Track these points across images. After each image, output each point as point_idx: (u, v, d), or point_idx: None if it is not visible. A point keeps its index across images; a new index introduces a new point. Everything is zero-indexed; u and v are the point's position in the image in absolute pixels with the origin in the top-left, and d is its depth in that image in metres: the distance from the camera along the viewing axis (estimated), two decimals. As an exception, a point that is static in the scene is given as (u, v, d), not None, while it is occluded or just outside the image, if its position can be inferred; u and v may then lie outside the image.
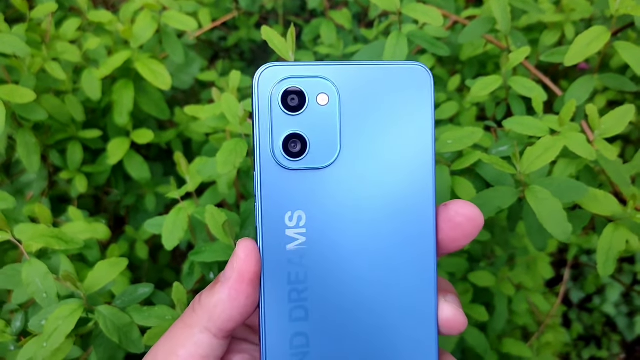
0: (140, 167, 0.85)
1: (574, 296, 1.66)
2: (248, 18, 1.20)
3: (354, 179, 0.39)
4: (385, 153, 0.39)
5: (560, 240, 0.48)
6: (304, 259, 0.39)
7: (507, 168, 0.51)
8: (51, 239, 0.58)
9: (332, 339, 0.39)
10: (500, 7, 0.65)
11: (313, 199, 0.39)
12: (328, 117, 0.39)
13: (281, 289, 0.39)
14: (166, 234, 0.58)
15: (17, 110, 0.70)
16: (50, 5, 0.76)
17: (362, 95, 0.39)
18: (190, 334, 0.38)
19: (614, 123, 0.56)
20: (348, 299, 0.39)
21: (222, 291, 0.38)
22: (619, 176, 0.57)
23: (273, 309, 0.39)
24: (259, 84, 0.38)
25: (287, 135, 0.38)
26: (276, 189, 0.38)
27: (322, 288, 0.39)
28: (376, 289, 0.40)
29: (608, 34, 0.59)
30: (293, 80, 0.39)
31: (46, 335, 0.49)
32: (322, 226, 0.39)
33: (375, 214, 0.39)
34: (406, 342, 0.40)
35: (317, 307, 0.39)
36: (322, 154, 0.39)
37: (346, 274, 0.39)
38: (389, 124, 0.39)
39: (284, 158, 0.38)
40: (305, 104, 0.39)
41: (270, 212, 0.38)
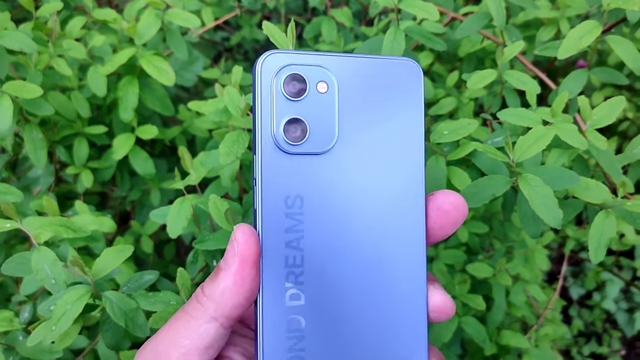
0: (145, 163, 0.87)
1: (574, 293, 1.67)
2: (250, 17, 1.21)
3: (349, 166, 0.41)
4: (379, 142, 0.41)
5: (552, 226, 0.50)
6: (301, 242, 0.40)
7: (500, 156, 0.53)
8: (59, 227, 0.59)
9: (327, 322, 0.41)
10: (495, 3, 0.66)
11: (312, 184, 0.40)
12: (327, 105, 0.41)
13: (278, 271, 0.40)
14: (170, 223, 0.59)
15: (25, 106, 0.72)
16: (55, 4, 0.78)
17: (358, 85, 0.41)
18: (196, 325, 0.38)
19: (605, 114, 0.58)
20: (343, 283, 0.41)
21: (227, 278, 0.38)
22: (611, 165, 0.59)
23: (270, 291, 0.40)
24: (261, 69, 0.40)
25: (289, 120, 0.40)
26: (276, 173, 0.40)
27: (318, 272, 0.40)
28: (369, 273, 0.41)
29: (599, 28, 0.60)
30: (295, 67, 0.40)
31: (55, 318, 0.50)
32: (320, 210, 0.40)
33: (369, 201, 0.41)
34: (397, 325, 0.42)
35: (313, 291, 0.40)
36: (320, 139, 0.40)
37: (341, 258, 0.41)
38: (382, 114, 0.41)
39: (285, 142, 0.40)
40: (306, 91, 0.40)
41: (269, 195, 0.39)
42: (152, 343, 0.40)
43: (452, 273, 0.88)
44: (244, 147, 0.56)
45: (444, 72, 0.97)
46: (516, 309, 0.97)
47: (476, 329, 0.82)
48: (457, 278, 0.85)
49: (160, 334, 0.40)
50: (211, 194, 0.55)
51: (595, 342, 1.63)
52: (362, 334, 0.41)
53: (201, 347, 0.38)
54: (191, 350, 0.38)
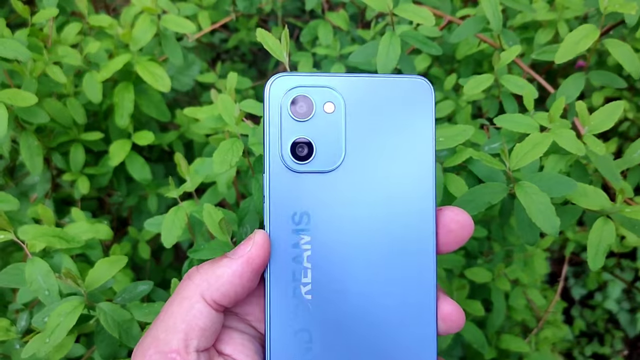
0: (142, 169, 0.86)
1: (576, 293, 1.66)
2: (247, 20, 1.21)
3: (357, 183, 0.41)
4: (388, 160, 0.42)
5: (549, 234, 0.49)
6: (308, 258, 0.41)
7: (497, 164, 0.52)
8: (53, 238, 0.59)
9: (335, 338, 0.41)
10: (491, 7, 0.66)
11: (318, 201, 0.41)
12: (334, 124, 0.41)
13: (285, 285, 0.40)
14: (165, 232, 0.59)
15: (20, 114, 0.71)
16: (51, 10, 0.77)
17: (366, 105, 0.42)
18: (189, 306, 0.39)
19: (603, 119, 0.57)
20: (350, 298, 0.41)
21: (230, 265, 0.39)
22: (609, 171, 0.58)
23: (278, 305, 0.40)
24: (270, 93, 0.41)
25: (295, 140, 0.41)
26: (283, 190, 0.41)
27: (325, 286, 0.41)
28: (377, 289, 0.41)
29: (597, 31, 0.60)
30: (301, 89, 0.41)
31: (49, 331, 0.50)
32: (326, 227, 0.41)
33: (377, 217, 0.41)
34: (407, 339, 0.42)
35: (320, 305, 0.41)
36: (327, 158, 0.41)
37: (349, 274, 0.41)
38: (392, 132, 0.42)
39: (292, 161, 0.41)
40: (313, 111, 0.41)
41: (277, 211, 0.41)
42: (152, 332, 0.40)
43: (451, 278, 0.88)
44: (239, 155, 0.55)
45: (441, 74, 0.96)
46: (516, 313, 0.97)
47: (474, 335, 0.81)
48: (456, 283, 0.85)
49: (157, 321, 0.40)
50: (205, 204, 0.55)
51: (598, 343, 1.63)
52: (372, 349, 0.41)
53: (197, 328, 0.38)
54: (189, 334, 0.38)
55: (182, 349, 0.38)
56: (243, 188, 0.82)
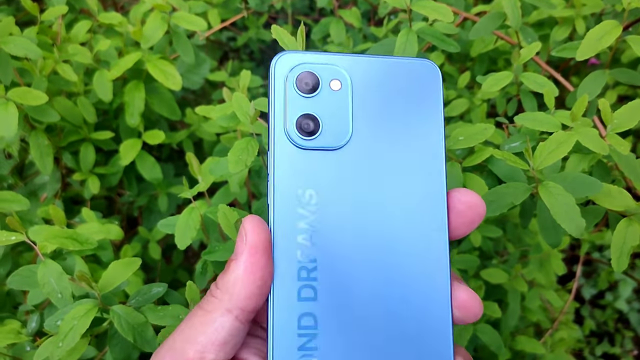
0: (152, 168, 0.86)
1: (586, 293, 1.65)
2: (257, 18, 1.20)
3: (365, 163, 0.40)
4: (397, 140, 0.41)
5: (574, 235, 0.48)
6: (313, 237, 0.39)
7: (520, 164, 0.51)
8: (65, 239, 0.58)
9: (341, 321, 0.39)
10: (510, 3, 0.64)
11: (325, 179, 0.40)
12: (341, 102, 0.41)
13: (290, 266, 0.39)
14: (179, 234, 0.58)
15: (30, 113, 0.71)
16: (60, 8, 0.77)
17: (373, 85, 0.41)
18: (211, 320, 0.38)
19: (626, 117, 0.56)
20: (358, 279, 0.39)
21: (238, 267, 0.38)
22: (633, 171, 0.57)
23: (281, 287, 0.39)
24: (275, 69, 0.41)
25: (301, 115, 0.40)
26: (289, 167, 0.40)
27: (330, 268, 0.39)
28: (386, 271, 0.40)
29: (619, 28, 0.59)
30: (307, 65, 0.41)
31: (62, 335, 0.49)
32: (333, 205, 0.40)
33: (385, 197, 0.40)
34: (419, 324, 0.40)
35: (326, 287, 0.39)
36: (334, 135, 0.40)
37: (355, 255, 0.39)
38: (400, 113, 0.41)
39: (298, 136, 0.40)
40: (319, 88, 0.41)
41: (282, 188, 0.39)
42: (169, 342, 0.39)
43: (466, 279, 0.87)
44: (254, 155, 0.54)
45: (454, 72, 0.95)
46: (531, 314, 0.96)
47: (491, 337, 0.80)
48: (471, 284, 0.84)
49: (176, 332, 0.39)
50: (220, 204, 0.54)
51: (608, 343, 1.62)
52: (380, 334, 0.39)
53: (217, 342, 0.37)
54: (207, 347, 0.37)
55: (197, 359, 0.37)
56: (254, 188, 0.81)
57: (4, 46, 0.66)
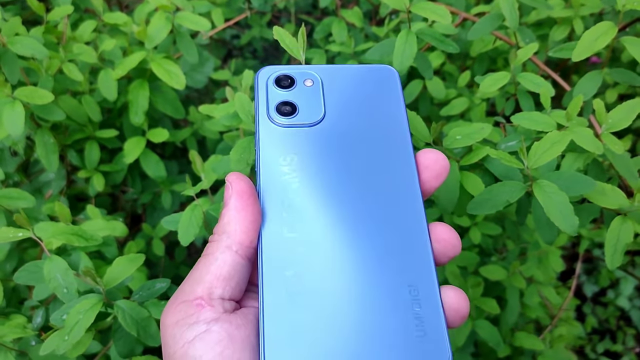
0: (156, 166, 0.87)
1: (588, 290, 1.66)
2: (260, 17, 1.21)
3: (339, 135, 0.46)
4: (365, 116, 0.47)
5: (568, 233, 0.49)
6: (296, 187, 0.43)
7: (515, 163, 0.52)
8: (71, 236, 0.59)
9: (323, 274, 0.40)
10: (508, 4, 0.65)
11: (304, 145, 0.45)
12: (313, 93, 0.48)
13: (277, 226, 0.42)
14: (182, 231, 0.59)
15: (36, 111, 0.72)
16: (66, 8, 0.78)
17: (341, 83, 0.49)
18: (213, 259, 0.40)
19: (621, 117, 0.57)
20: (339, 234, 0.42)
21: (229, 210, 0.41)
22: (627, 169, 0.58)
23: (269, 245, 0.41)
24: (258, 77, 0.50)
25: (280, 102, 0.47)
26: (272, 141, 0.45)
27: (312, 224, 0.42)
28: (367, 210, 0.43)
29: (615, 29, 0.59)
30: (284, 70, 0.50)
31: (67, 328, 0.50)
32: (312, 165, 0.44)
33: (361, 160, 0.45)
34: (401, 254, 0.42)
35: (308, 243, 0.41)
36: (309, 114, 0.47)
37: (336, 209, 0.43)
38: (366, 98, 0.48)
39: (278, 116, 0.46)
40: (295, 85, 0.49)
41: (267, 156, 0.44)
42: (180, 289, 0.41)
43: (465, 276, 0.88)
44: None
45: (455, 71, 0.96)
46: (530, 310, 0.97)
47: (490, 333, 0.81)
48: (470, 281, 0.85)
49: (185, 280, 0.41)
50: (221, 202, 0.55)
51: (610, 340, 1.62)
52: (364, 280, 0.40)
53: (221, 277, 0.39)
54: (213, 282, 0.39)
55: (207, 295, 0.39)
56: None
57: (11, 46, 0.68)
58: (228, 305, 0.40)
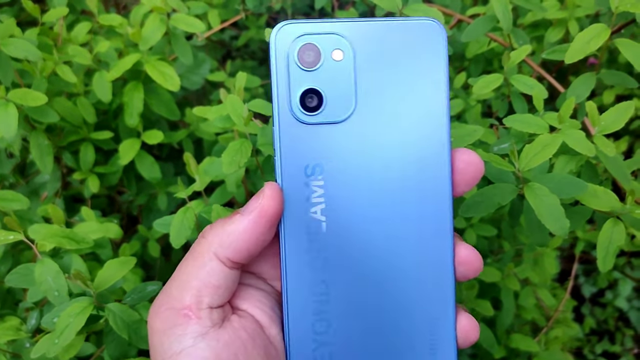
0: (151, 167, 0.87)
1: (586, 291, 1.66)
2: (257, 18, 1.21)
3: (370, 133, 0.41)
4: (400, 107, 0.41)
5: (558, 235, 0.49)
6: (322, 210, 0.40)
7: (506, 166, 0.52)
8: (62, 238, 0.59)
9: (350, 286, 0.41)
10: (501, 6, 0.65)
11: (330, 152, 0.40)
12: (343, 73, 0.40)
13: (300, 240, 0.41)
14: (174, 233, 0.59)
15: (30, 113, 0.72)
16: (61, 9, 0.78)
17: (376, 50, 0.41)
18: (202, 263, 0.39)
19: (614, 119, 0.57)
20: (366, 249, 0.41)
21: (241, 222, 0.39)
22: (620, 172, 0.58)
23: (293, 259, 0.41)
24: (275, 42, 0.40)
25: (304, 91, 0.40)
26: (295, 143, 0.40)
27: (339, 239, 0.41)
28: (394, 239, 0.41)
29: (608, 31, 0.59)
30: (308, 37, 0.40)
31: (58, 332, 0.50)
32: (340, 179, 0.40)
33: (392, 166, 0.41)
34: (423, 283, 0.41)
35: (336, 257, 0.41)
36: (338, 108, 0.40)
37: (364, 225, 0.41)
38: (403, 79, 0.41)
39: (302, 112, 0.40)
40: (321, 60, 0.40)
41: (289, 164, 0.40)
42: (166, 289, 0.40)
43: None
44: (247, 156, 0.55)
45: (451, 72, 0.96)
46: (526, 312, 0.97)
47: (485, 335, 0.81)
48: (465, 283, 0.84)
49: (172, 279, 0.40)
50: (214, 204, 0.55)
51: (608, 341, 1.62)
52: (389, 297, 0.41)
53: (210, 285, 0.39)
54: (201, 290, 0.39)
55: (194, 305, 0.39)
56: (252, 186, 0.82)
57: (4, 48, 0.67)
58: (216, 317, 0.39)
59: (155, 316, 0.40)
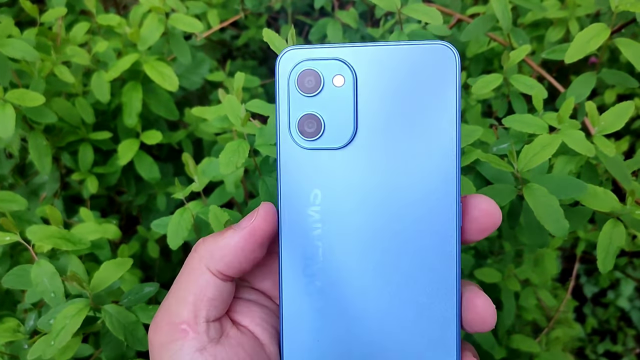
0: (150, 168, 0.86)
1: (588, 291, 1.65)
2: (257, 18, 1.20)
3: (370, 161, 0.39)
4: (405, 138, 0.39)
5: (557, 236, 0.49)
6: (319, 237, 0.40)
7: (505, 166, 0.52)
8: (59, 240, 0.59)
9: (344, 317, 0.40)
10: (501, 5, 0.65)
11: (329, 179, 0.40)
12: (344, 99, 0.40)
13: (296, 264, 0.41)
14: (171, 234, 0.59)
15: (28, 114, 0.72)
16: (60, 10, 0.78)
17: (380, 77, 0.39)
18: (195, 277, 0.40)
19: (614, 119, 0.56)
20: (361, 278, 0.40)
21: (232, 237, 0.40)
22: (620, 172, 0.57)
23: (289, 283, 0.41)
24: (279, 66, 0.40)
25: (303, 116, 0.40)
26: (293, 167, 0.40)
27: (335, 267, 0.40)
28: (390, 273, 0.40)
29: (608, 31, 0.59)
30: (310, 62, 0.40)
31: (54, 333, 0.50)
32: (337, 204, 0.40)
33: (392, 200, 0.39)
34: (424, 328, 0.40)
35: (330, 286, 0.40)
36: (337, 134, 0.40)
37: (360, 256, 0.40)
38: (409, 107, 0.39)
39: (300, 138, 0.40)
40: (321, 86, 0.40)
41: (288, 189, 0.40)
42: (165, 305, 0.41)
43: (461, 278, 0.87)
44: (245, 157, 0.55)
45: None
46: (527, 313, 0.96)
47: (484, 336, 0.81)
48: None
49: (169, 294, 0.41)
50: (212, 205, 0.54)
51: (610, 341, 1.62)
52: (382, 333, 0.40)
53: (205, 299, 0.39)
54: (197, 305, 0.39)
55: (192, 319, 0.39)
56: (251, 187, 0.82)
57: (2, 48, 0.67)
58: (213, 331, 0.40)
59: (155, 331, 0.40)
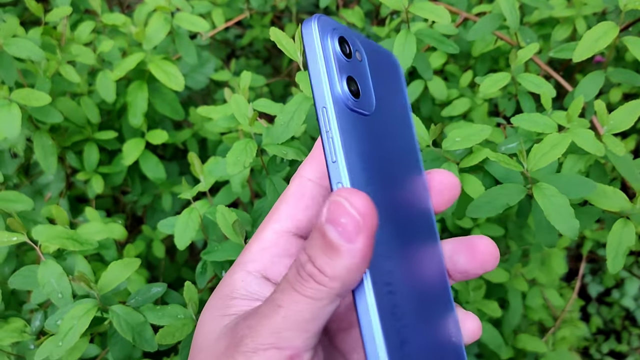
0: (156, 167, 0.86)
1: (593, 290, 1.65)
2: (261, 17, 1.20)
3: (384, 131, 0.40)
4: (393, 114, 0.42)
5: (568, 236, 0.49)
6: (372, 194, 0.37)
7: (514, 165, 0.52)
8: (66, 240, 0.59)
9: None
10: (508, 4, 0.65)
11: (367, 141, 0.39)
12: (364, 71, 0.40)
13: None
14: (178, 234, 0.58)
15: (33, 114, 0.71)
16: (65, 9, 0.77)
17: (377, 65, 0.42)
18: (319, 307, 0.34)
19: (623, 118, 0.56)
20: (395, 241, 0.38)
21: (353, 255, 0.31)
22: (629, 171, 0.57)
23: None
24: (317, 29, 0.38)
25: (348, 77, 0.38)
26: (347, 127, 0.37)
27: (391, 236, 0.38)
28: (409, 236, 0.39)
29: (616, 29, 0.59)
30: (341, 31, 0.39)
31: (62, 334, 0.50)
32: (375, 166, 0.39)
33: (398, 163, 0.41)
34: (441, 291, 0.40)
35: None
36: (367, 101, 0.39)
37: (385, 221, 0.38)
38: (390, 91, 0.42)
39: (348, 98, 0.38)
40: (352, 55, 0.39)
41: (349, 149, 0.36)
42: (268, 328, 0.34)
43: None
44: (252, 156, 0.55)
45: (457, 71, 0.95)
46: (533, 312, 0.96)
47: (492, 335, 0.81)
48: (472, 284, 0.84)
49: (279, 320, 0.34)
50: (219, 205, 0.54)
51: (615, 340, 1.61)
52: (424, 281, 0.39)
53: (322, 326, 0.35)
54: (316, 334, 0.34)
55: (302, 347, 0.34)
56: (257, 187, 0.81)
57: (7, 48, 0.67)
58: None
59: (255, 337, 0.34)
